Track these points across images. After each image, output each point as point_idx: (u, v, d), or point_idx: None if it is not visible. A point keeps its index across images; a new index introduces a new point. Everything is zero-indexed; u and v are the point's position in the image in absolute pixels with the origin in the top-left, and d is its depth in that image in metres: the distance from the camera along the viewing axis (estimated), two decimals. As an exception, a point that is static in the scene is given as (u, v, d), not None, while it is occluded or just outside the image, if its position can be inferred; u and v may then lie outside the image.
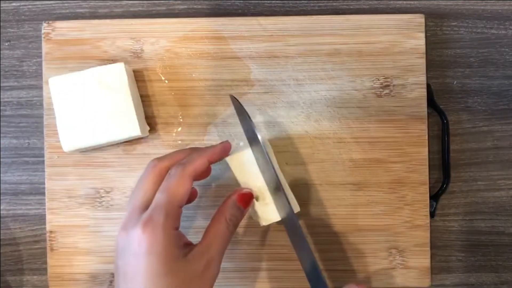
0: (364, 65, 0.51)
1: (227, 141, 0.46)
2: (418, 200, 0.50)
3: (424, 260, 0.50)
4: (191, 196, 0.46)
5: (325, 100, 0.51)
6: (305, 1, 0.54)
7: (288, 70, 0.51)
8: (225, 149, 0.45)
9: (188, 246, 0.42)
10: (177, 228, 0.41)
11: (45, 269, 0.51)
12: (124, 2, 0.54)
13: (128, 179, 0.51)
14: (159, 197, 0.40)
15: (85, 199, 0.51)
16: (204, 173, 0.45)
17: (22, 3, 0.54)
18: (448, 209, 0.53)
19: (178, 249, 0.40)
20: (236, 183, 0.46)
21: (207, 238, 0.42)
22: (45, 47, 0.51)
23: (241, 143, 0.50)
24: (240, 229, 0.50)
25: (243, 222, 0.50)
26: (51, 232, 0.51)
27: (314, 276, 0.44)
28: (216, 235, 0.42)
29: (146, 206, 0.40)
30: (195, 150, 0.44)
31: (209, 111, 0.51)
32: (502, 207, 0.53)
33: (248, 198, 0.44)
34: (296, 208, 0.46)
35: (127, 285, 0.39)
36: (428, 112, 0.51)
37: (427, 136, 0.50)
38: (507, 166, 0.53)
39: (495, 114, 0.53)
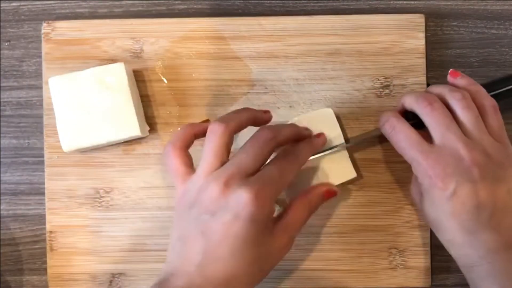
0: (364, 65, 0.51)
1: (323, 135, 0.48)
2: (418, 200, 0.50)
3: (424, 260, 0.50)
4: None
5: (325, 100, 0.51)
6: (305, 1, 0.54)
7: (288, 70, 0.51)
8: (323, 142, 0.48)
9: (274, 222, 0.43)
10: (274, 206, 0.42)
11: (45, 269, 0.51)
12: (124, 2, 0.54)
13: (128, 179, 0.51)
14: (274, 172, 0.41)
15: (85, 199, 0.51)
16: None
17: (22, 3, 0.54)
18: (448, 209, 0.53)
19: (270, 223, 0.42)
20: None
21: (291, 217, 0.43)
22: (45, 47, 0.51)
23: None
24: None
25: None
26: (51, 232, 0.51)
27: None
28: (298, 216, 0.43)
29: (252, 172, 0.41)
30: (299, 135, 0.46)
31: (209, 111, 0.51)
32: (502, 207, 0.52)
33: (333, 195, 0.46)
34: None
35: (208, 242, 0.39)
36: (428, 112, 0.51)
37: (427, 136, 0.50)
38: (507, 166, 0.52)
39: (495, 114, 0.53)
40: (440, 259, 0.52)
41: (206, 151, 0.42)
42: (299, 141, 0.46)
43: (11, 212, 0.53)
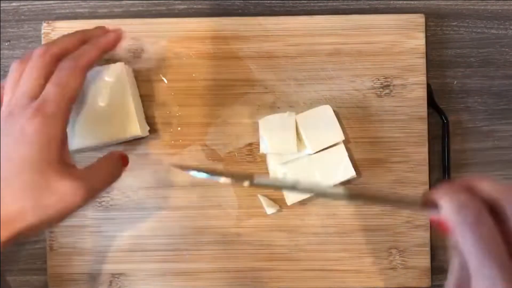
0: (364, 65, 0.51)
1: (119, 29, 0.44)
2: (418, 200, 0.50)
3: (424, 260, 0.50)
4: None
5: (325, 100, 0.51)
6: (305, 1, 0.54)
7: (288, 70, 0.51)
8: (118, 37, 0.44)
9: (71, 165, 0.40)
10: (64, 129, 0.39)
11: (45, 269, 0.51)
12: (124, 2, 0.54)
13: (128, 179, 0.51)
14: (51, 89, 0.39)
15: (85, 199, 0.51)
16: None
17: (22, 3, 0.54)
18: (448, 209, 0.53)
19: (59, 152, 0.38)
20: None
21: (94, 166, 0.41)
22: (45, 47, 0.51)
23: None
24: (239, 229, 0.50)
25: (243, 221, 0.50)
26: (51, 232, 0.51)
27: None
28: (102, 166, 0.41)
29: (35, 95, 0.39)
30: (86, 37, 0.43)
31: (209, 111, 0.51)
32: (502, 207, 0.52)
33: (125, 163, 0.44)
34: None
35: None
36: (428, 112, 0.51)
37: (427, 136, 0.50)
38: (507, 166, 0.53)
39: (496, 114, 0.53)
40: (440, 259, 0.52)
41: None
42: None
43: (11, 212, 0.53)
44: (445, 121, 0.51)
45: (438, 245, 0.52)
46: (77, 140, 0.48)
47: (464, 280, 0.32)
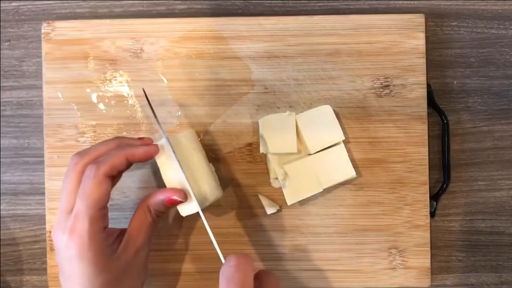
0: (364, 65, 0.51)
1: (155, 145, 0.44)
2: (418, 200, 0.50)
3: (424, 260, 0.50)
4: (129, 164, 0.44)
5: (325, 100, 0.51)
6: (305, 1, 0.54)
7: (288, 70, 0.51)
8: (147, 154, 0.44)
9: (118, 237, 0.43)
10: (105, 228, 0.41)
11: (45, 269, 0.51)
12: (124, 2, 0.54)
13: (128, 179, 0.51)
14: (79, 204, 0.40)
15: (85, 199, 0.51)
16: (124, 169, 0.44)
17: (22, 3, 0.54)
18: (448, 209, 0.53)
19: (107, 248, 0.41)
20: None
21: (132, 229, 0.43)
22: (45, 47, 0.51)
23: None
24: (239, 229, 0.50)
25: (243, 221, 0.50)
26: (51, 232, 0.51)
27: None
28: (141, 226, 0.43)
29: (70, 209, 0.41)
30: (117, 144, 0.43)
31: (209, 111, 0.51)
32: (502, 207, 0.52)
33: (175, 203, 0.44)
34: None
35: (66, 282, 0.41)
36: (428, 112, 0.51)
37: (427, 136, 0.50)
38: (507, 166, 0.53)
39: (495, 114, 0.53)
40: (440, 259, 0.52)
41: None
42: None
43: (11, 212, 0.53)
44: (445, 121, 0.51)
45: (438, 245, 0.52)
46: None
47: None
